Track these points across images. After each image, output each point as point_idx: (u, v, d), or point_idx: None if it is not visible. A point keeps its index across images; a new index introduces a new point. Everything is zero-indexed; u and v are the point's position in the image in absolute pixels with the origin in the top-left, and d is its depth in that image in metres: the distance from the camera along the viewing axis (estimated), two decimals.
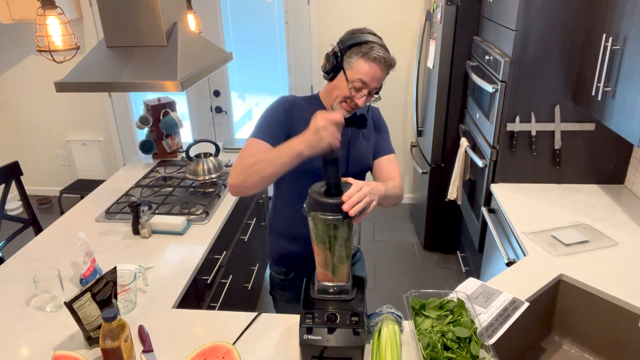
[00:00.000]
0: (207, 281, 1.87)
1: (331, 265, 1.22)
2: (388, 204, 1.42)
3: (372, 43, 1.38)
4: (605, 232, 1.80)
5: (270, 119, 1.46)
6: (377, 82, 1.40)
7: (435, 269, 3.20)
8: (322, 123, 1.15)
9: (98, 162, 4.21)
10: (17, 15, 3.35)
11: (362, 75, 1.38)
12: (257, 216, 2.67)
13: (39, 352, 1.29)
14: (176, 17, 1.85)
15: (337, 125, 1.17)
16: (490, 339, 1.24)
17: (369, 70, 1.37)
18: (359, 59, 1.38)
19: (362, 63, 1.37)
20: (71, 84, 1.69)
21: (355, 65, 1.38)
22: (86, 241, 1.55)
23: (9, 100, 4.05)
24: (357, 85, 1.40)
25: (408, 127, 3.90)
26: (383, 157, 1.57)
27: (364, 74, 1.38)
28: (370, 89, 1.41)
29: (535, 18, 1.96)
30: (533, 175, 2.22)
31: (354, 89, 1.40)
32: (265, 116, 1.47)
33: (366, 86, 1.40)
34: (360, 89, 1.41)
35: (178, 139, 2.71)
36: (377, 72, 1.38)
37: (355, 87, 1.40)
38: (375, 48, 1.37)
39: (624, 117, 1.64)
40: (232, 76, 3.93)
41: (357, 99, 1.42)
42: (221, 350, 1.24)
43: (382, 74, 1.40)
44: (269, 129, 1.43)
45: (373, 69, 1.37)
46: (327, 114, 1.17)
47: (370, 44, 1.38)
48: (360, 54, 1.37)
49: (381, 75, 1.40)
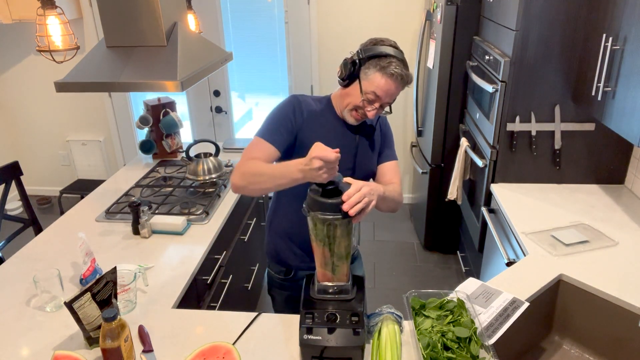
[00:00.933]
0: (207, 281, 1.87)
1: (331, 265, 1.22)
2: (386, 207, 1.42)
3: (392, 58, 1.37)
4: (605, 232, 1.80)
5: (279, 118, 1.45)
6: (390, 97, 1.40)
7: (435, 269, 3.20)
8: (318, 165, 1.14)
9: (98, 162, 4.21)
10: (17, 15, 3.35)
11: (377, 88, 1.37)
12: (257, 216, 2.67)
13: (39, 352, 1.29)
14: (176, 17, 1.85)
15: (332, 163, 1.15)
16: (490, 339, 1.24)
17: (384, 85, 1.37)
18: (376, 72, 1.37)
19: (379, 77, 1.36)
20: (71, 84, 1.69)
21: (371, 78, 1.38)
22: (86, 241, 1.55)
23: (9, 100, 4.05)
24: (370, 97, 1.39)
25: (408, 127, 3.90)
26: (386, 162, 1.57)
27: (379, 87, 1.37)
28: (383, 103, 1.41)
29: (535, 18, 1.96)
30: (533, 175, 2.22)
31: (366, 100, 1.40)
32: (274, 115, 1.47)
33: (379, 100, 1.40)
34: (373, 101, 1.40)
35: (178, 139, 2.71)
36: (391, 88, 1.38)
37: (368, 99, 1.40)
38: (394, 64, 1.36)
39: (624, 117, 1.64)
40: (232, 76, 3.93)
41: (368, 111, 1.42)
42: (221, 350, 1.24)
43: (396, 91, 1.40)
44: (276, 130, 1.43)
45: (389, 84, 1.37)
46: (322, 152, 1.14)
47: (390, 59, 1.36)
48: (378, 67, 1.36)
49: (395, 92, 1.40)
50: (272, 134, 1.42)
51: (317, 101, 1.52)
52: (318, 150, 1.15)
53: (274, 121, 1.45)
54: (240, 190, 1.36)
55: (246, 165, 1.35)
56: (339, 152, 1.15)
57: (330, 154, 1.13)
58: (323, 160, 1.13)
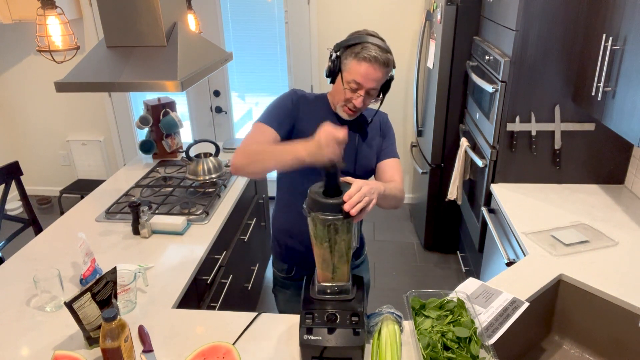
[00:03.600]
0: (207, 281, 1.87)
1: (331, 266, 1.22)
2: (387, 204, 1.42)
3: (366, 43, 1.37)
4: (605, 232, 1.80)
5: (279, 107, 1.48)
6: (372, 82, 1.39)
7: (435, 269, 3.20)
8: (325, 140, 1.16)
9: (98, 162, 4.21)
10: (17, 15, 3.35)
11: (356, 75, 1.38)
12: (257, 216, 2.67)
13: (39, 352, 1.29)
14: (176, 17, 1.85)
15: (340, 142, 1.17)
16: (490, 339, 1.24)
17: (361, 70, 1.37)
18: (352, 60, 1.38)
19: (355, 64, 1.38)
20: (71, 84, 1.69)
21: (349, 67, 1.39)
22: (86, 241, 1.55)
23: (9, 100, 4.05)
24: (352, 86, 1.40)
25: (408, 127, 3.90)
26: (386, 160, 1.57)
27: (357, 74, 1.38)
28: (367, 89, 1.41)
29: (535, 18, 1.96)
30: (533, 175, 2.22)
31: (349, 90, 1.41)
32: (275, 104, 1.50)
33: (361, 87, 1.40)
34: (356, 89, 1.41)
35: (178, 139, 2.71)
36: (370, 72, 1.37)
37: (350, 88, 1.41)
38: (368, 47, 1.36)
39: (624, 117, 1.64)
40: (232, 76, 3.93)
41: (355, 100, 1.42)
42: (221, 350, 1.24)
43: (376, 74, 1.38)
44: (276, 116, 1.46)
45: (365, 68, 1.37)
46: (331, 129, 1.17)
47: (364, 44, 1.37)
48: (353, 55, 1.38)
49: (375, 75, 1.38)
50: (273, 120, 1.45)
51: (314, 98, 1.55)
52: (326, 127, 1.18)
53: (274, 109, 1.48)
54: (239, 170, 1.33)
55: (250, 146, 1.36)
56: (347, 131, 1.17)
57: (338, 131, 1.16)
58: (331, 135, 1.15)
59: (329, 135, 1.16)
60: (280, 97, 1.51)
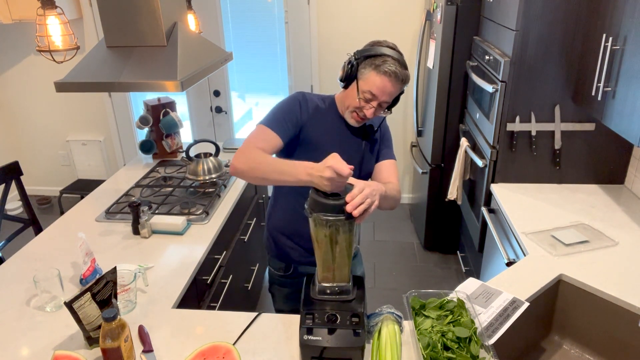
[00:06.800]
0: (207, 281, 1.87)
1: (332, 266, 1.22)
2: (387, 205, 1.43)
3: (387, 57, 1.38)
4: (605, 232, 1.80)
5: (284, 111, 1.46)
6: (387, 95, 1.41)
7: (435, 269, 3.20)
8: (329, 174, 1.13)
9: (98, 162, 4.21)
10: (17, 15, 3.35)
11: (372, 87, 1.39)
12: (257, 216, 2.67)
13: (39, 352, 1.29)
14: (176, 17, 1.85)
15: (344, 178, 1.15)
16: (490, 339, 1.24)
17: (379, 83, 1.38)
18: (371, 71, 1.38)
19: (374, 75, 1.38)
20: (71, 84, 1.69)
21: (367, 77, 1.39)
22: (86, 241, 1.55)
23: (9, 100, 4.05)
24: (366, 96, 1.41)
25: (408, 127, 3.90)
26: (384, 161, 1.58)
27: (374, 86, 1.38)
28: (380, 102, 1.42)
29: (535, 18, 1.96)
30: (533, 175, 2.22)
31: (363, 99, 1.41)
32: (280, 107, 1.47)
33: (375, 98, 1.41)
34: (370, 100, 1.41)
35: (178, 139, 2.71)
36: (387, 86, 1.38)
37: (364, 98, 1.41)
38: (389, 62, 1.37)
39: (624, 117, 1.64)
40: (232, 76, 3.93)
41: (366, 110, 1.43)
42: (221, 350, 1.24)
43: (392, 89, 1.40)
44: (282, 120, 1.44)
45: (383, 82, 1.38)
46: (338, 164, 1.13)
47: (385, 57, 1.38)
48: (372, 66, 1.38)
49: (392, 90, 1.40)
50: (278, 124, 1.43)
51: (321, 100, 1.54)
52: (334, 161, 1.14)
53: (279, 112, 1.46)
54: (239, 173, 1.33)
55: (252, 151, 1.33)
56: (352, 169, 1.15)
57: (345, 168, 1.13)
58: (336, 172, 1.13)
59: (335, 169, 1.13)
60: (287, 100, 1.49)
